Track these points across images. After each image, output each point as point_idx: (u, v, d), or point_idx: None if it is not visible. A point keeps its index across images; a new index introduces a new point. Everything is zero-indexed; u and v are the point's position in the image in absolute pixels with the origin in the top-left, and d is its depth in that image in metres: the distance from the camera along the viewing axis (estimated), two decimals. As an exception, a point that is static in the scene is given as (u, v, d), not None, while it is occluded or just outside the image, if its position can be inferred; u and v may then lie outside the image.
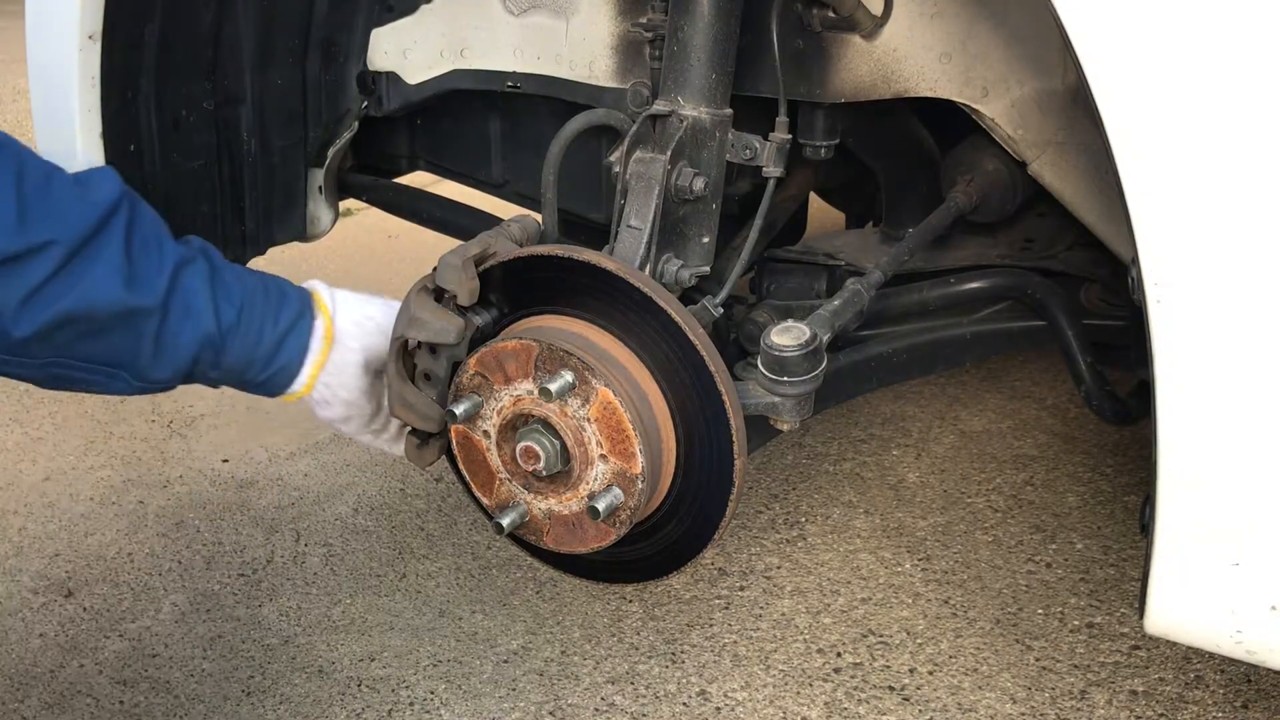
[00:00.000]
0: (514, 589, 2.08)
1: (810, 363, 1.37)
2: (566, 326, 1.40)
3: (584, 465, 1.37)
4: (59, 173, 1.23)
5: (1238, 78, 0.99)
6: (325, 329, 1.38)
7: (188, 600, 2.09)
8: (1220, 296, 1.04)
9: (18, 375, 1.24)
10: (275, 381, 1.37)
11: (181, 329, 1.27)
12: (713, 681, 1.84)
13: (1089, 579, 2.04)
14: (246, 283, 1.33)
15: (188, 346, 1.28)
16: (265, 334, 1.33)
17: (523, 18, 1.78)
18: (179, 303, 1.26)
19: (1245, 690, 1.76)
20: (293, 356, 1.36)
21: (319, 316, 1.39)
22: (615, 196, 1.48)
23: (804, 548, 2.17)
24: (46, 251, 1.17)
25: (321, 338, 1.38)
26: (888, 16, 1.51)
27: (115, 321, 1.23)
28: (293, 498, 2.41)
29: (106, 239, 1.22)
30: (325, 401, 1.42)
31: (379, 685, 1.86)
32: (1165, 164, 1.03)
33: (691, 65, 1.47)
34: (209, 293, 1.29)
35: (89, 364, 1.25)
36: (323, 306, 1.40)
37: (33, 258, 1.16)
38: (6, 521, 2.34)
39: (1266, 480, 1.08)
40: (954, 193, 1.86)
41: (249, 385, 1.37)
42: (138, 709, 1.83)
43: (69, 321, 1.20)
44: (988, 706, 1.76)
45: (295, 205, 2.07)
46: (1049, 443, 2.51)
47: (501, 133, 2.04)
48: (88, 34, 1.64)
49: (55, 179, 1.22)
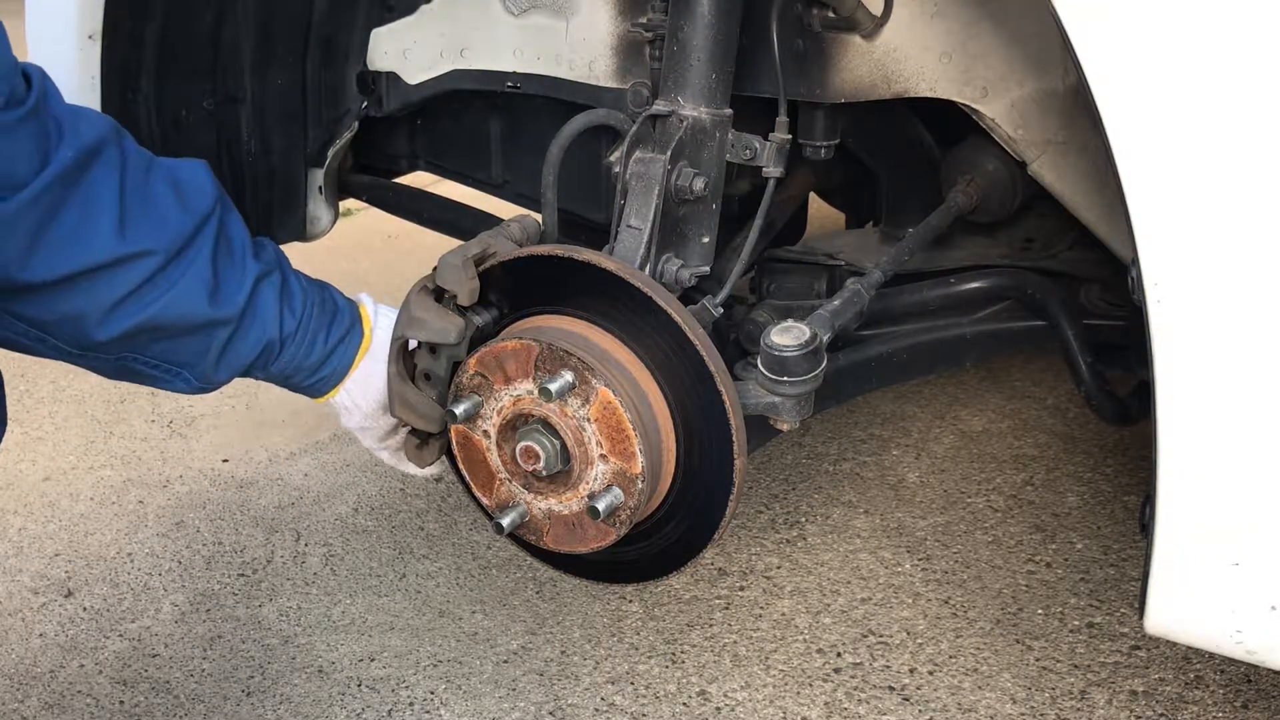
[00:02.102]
0: (514, 589, 2.08)
1: (810, 363, 1.37)
2: (566, 326, 1.40)
3: (584, 465, 1.37)
4: (158, 167, 1.24)
5: (1237, 78, 0.99)
6: (364, 344, 1.43)
7: (188, 600, 2.09)
8: (1220, 296, 1.04)
9: (85, 366, 1.27)
10: (316, 388, 1.43)
11: (248, 338, 1.31)
12: (713, 681, 1.84)
13: (1089, 579, 2.04)
14: (309, 293, 1.38)
15: (250, 353, 1.33)
16: (317, 345, 1.38)
17: (523, 18, 1.78)
18: (253, 316, 1.30)
19: (1245, 690, 1.76)
20: (336, 368, 1.42)
21: (364, 332, 1.44)
22: (615, 196, 1.48)
23: (804, 548, 2.17)
24: (142, 260, 1.19)
25: (361, 352, 1.43)
26: (888, 16, 1.51)
27: (194, 329, 1.26)
28: (293, 498, 2.41)
29: (198, 249, 1.24)
30: (347, 409, 1.46)
31: (379, 685, 1.86)
32: (1165, 164, 1.03)
33: (691, 65, 1.47)
34: (278, 305, 1.33)
35: (158, 362, 1.29)
36: (367, 322, 1.44)
37: (128, 265, 1.19)
38: (6, 521, 2.34)
39: (1266, 480, 1.08)
40: (954, 193, 1.86)
41: (291, 386, 1.43)
42: (138, 709, 1.83)
43: (151, 328, 1.23)
44: (988, 706, 1.76)
45: (295, 205, 2.07)
46: (1049, 443, 2.51)
47: (501, 133, 2.04)
48: (87, 34, 1.64)
49: (154, 176, 1.23)
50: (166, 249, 1.20)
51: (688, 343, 1.33)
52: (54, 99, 1.15)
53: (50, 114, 1.13)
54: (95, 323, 1.19)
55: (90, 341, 1.21)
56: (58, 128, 1.13)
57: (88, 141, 1.15)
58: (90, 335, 1.20)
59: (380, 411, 1.47)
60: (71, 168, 1.13)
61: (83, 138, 1.15)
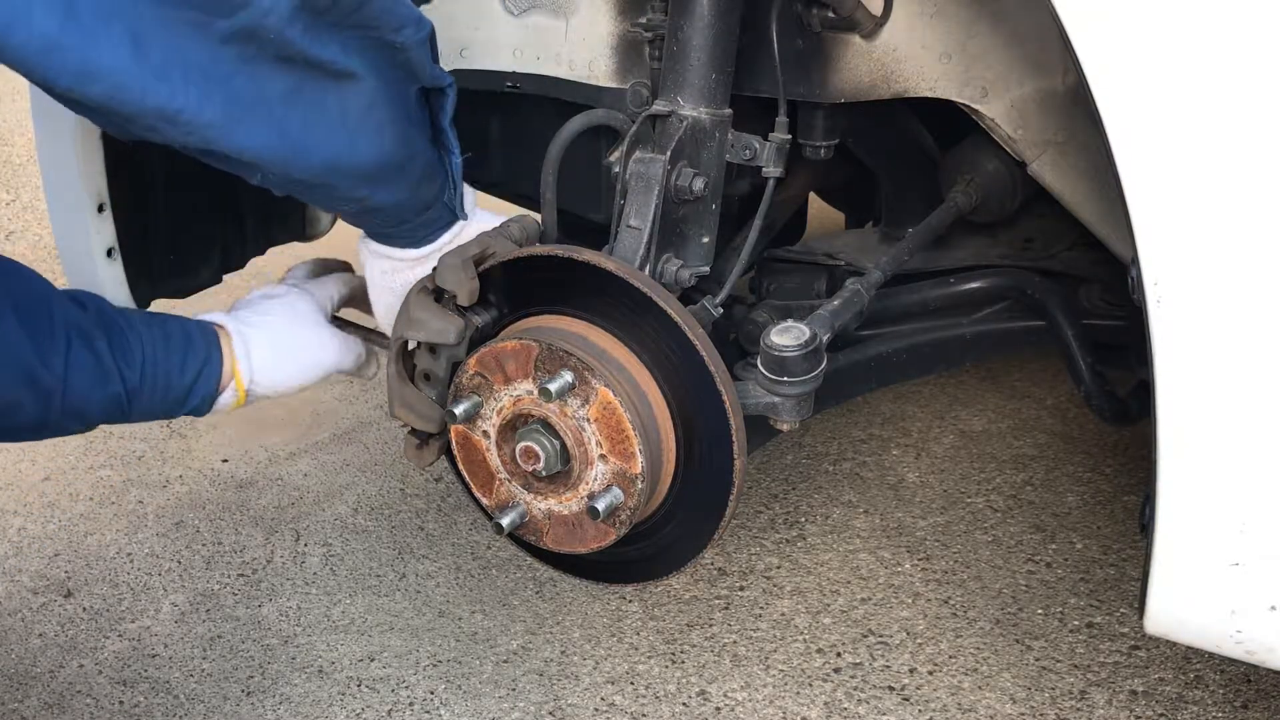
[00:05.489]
0: (514, 589, 2.08)
1: (810, 363, 1.38)
2: (566, 326, 1.41)
3: (584, 465, 1.37)
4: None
5: (1237, 78, 0.99)
6: (229, 366, 1.44)
7: (187, 600, 2.09)
8: (1220, 296, 1.04)
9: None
10: (198, 411, 1.44)
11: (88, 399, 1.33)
12: (713, 681, 1.84)
13: (1089, 579, 2.04)
14: (145, 341, 1.38)
15: (97, 410, 1.35)
16: (174, 384, 1.39)
17: (522, 18, 1.78)
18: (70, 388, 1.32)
19: (1245, 690, 1.76)
20: (205, 395, 1.42)
21: (224, 355, 1.43)
22: (615, 196, 1.48)
23: (804, 548, 2.17)
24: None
25: (231, 371, 1.44)
26: (887, 16, 1.51)
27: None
28: (293, 498, 2.41)
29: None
30: (267, 396, 1.49)
31: (379, 685, 1.86)
32: (1165, 164, 1.03)
33: (691, 65, 1.47)
34: (111, 357, 1.34)
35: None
36: (227, 341, 1.44)
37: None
38: (6, 521, 2.34)
39: (1266, 480, 1.08)
40: (954, 193, 1.86)
41: (169, 416, 1.45)
42: (137, 709, 1.83)
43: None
44: (988, 706, 1.76)
45: (294, 205, 2.07)
46: (1049, 443, 2.51)
47: (501, 133, 2.04)
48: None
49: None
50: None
51: (688, 343, 1.33)
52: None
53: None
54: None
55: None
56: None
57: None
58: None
59: (294, 384, 1.51)
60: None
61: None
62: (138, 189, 1.79)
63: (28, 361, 1.25)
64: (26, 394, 1.26)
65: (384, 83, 1.27)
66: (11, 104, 5.10)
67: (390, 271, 1.50)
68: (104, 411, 1.34)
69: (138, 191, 1.79)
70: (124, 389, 1.34)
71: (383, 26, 1.23)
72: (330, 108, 1.23)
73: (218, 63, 1.11)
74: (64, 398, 1.29)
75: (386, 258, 1.49)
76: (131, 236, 1.79)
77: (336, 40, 1.19)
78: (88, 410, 1.33)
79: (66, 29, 1.00)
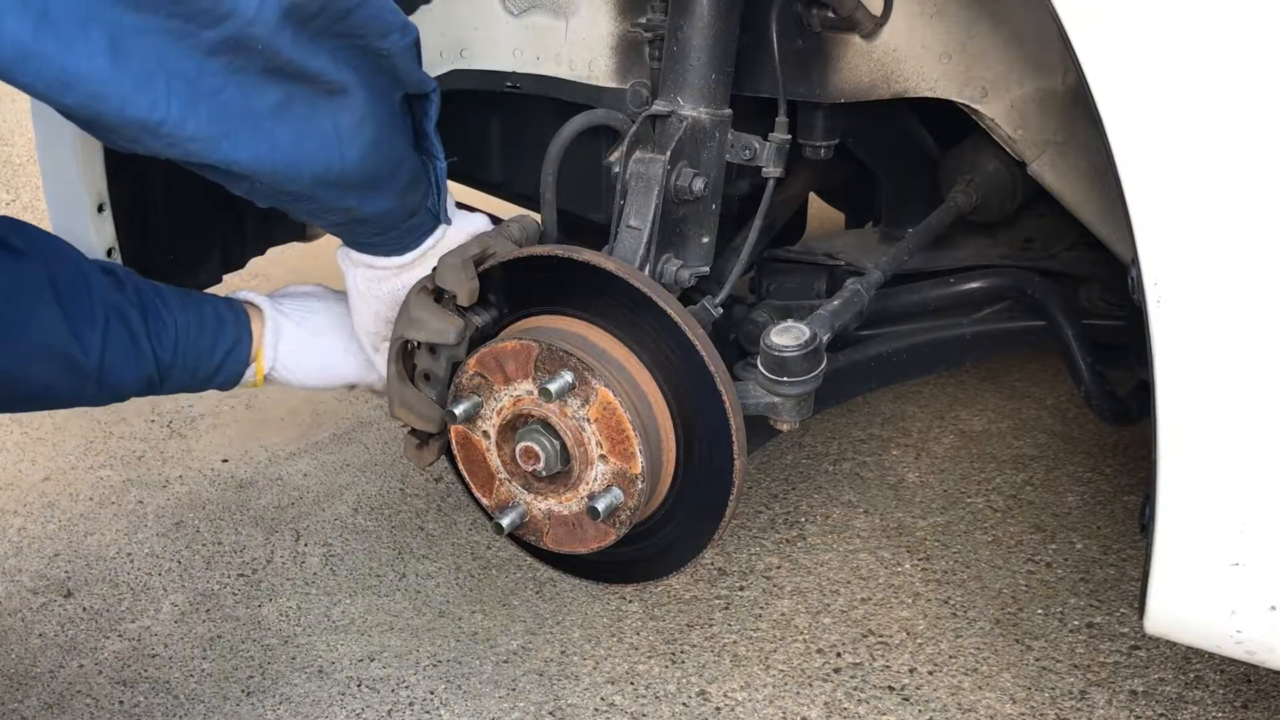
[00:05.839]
0: (514, 589, 2.08)
1: (810, 363, 1.38)
2: (566, 327, 1.41)
3: (584, 465, 1.37)
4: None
5: (1237, 78, 0.99)
6: (256, 347, 1.53)
7: (187, 600, 2.09)
8: (1220, 296, 1.04)
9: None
10: (224, 386, 1.54)
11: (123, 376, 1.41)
12: (713, 681, 1.84)
13: (1089, 579, 2.04)
14: (179, 321, 1.46)
15: (130, 387, 1.43)
16: (202, 363, 1.48)
17: (522, 18, 1.78)
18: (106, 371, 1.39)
19: (1245, 690, 1.76)
20: (232, 372, 1.52)
21: (254, 335, 1.53)
22: (615, 196, 1.48)
23: (804, 548, 2.17)
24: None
25: (256, 354, 1.53)
26: (887, 16, 1.51)
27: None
28: (293, 498, 2.41)
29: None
30: (285, 381, 1.58)
31: (379, 685, 1.86)
32: (1165, 164, 1.03)
33: (691, 65, 1.47)
34: (146, 338, 1.42)
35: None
36: (258, 322, 1.54)
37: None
38: (6, 521, 2.34)
39: (1266, 480, 1.08)
40: (954, 193, 1.86)
41: (197, 390, 1.54)
42: (137, 709, 1.83)
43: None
44: (988, 706, 1.76)
45: (294, 205, 2.06)
46: (1049, 443, 2.51)
47: (501, 133, 2.04)
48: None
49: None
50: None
51: (688, 343, 1.33)
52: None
53: None
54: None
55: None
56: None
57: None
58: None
59: (310, 384, 1.62)
60: None
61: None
62: (138, 189, 1.79)
63: (66, 348, 1.32)
64: (64, 379, 1.32)
65: (373, 93, 1.26)
66: (11, 104, 5.09)
67: (375, 280, 1.50)
68: (136, 388, 1.41)
69: (138, 191, 1.79)
70: (156, 368, 1.40)
71: (369, 34, 1.22)
72: (322, 121, 1.22)
73: (205, 75, 1.09)
74: (99, 378, 1.35)
75: (369, 266, 1.49)
76: (131, 236, 1.79)
77: (325, 49, 1.18)
78: (122, 387, 1.39)
79: (40, 35, 0.98)
